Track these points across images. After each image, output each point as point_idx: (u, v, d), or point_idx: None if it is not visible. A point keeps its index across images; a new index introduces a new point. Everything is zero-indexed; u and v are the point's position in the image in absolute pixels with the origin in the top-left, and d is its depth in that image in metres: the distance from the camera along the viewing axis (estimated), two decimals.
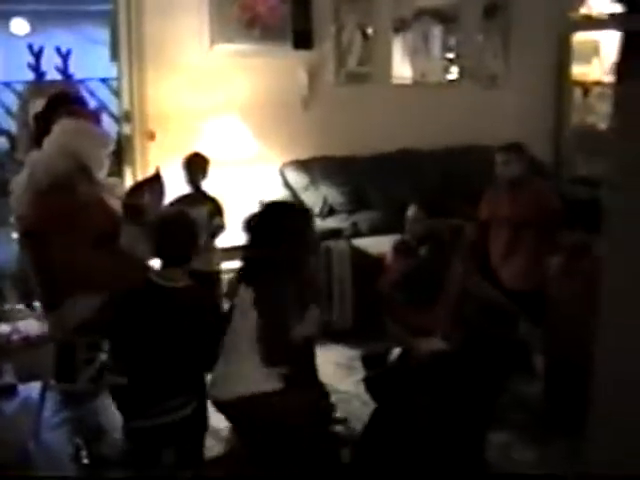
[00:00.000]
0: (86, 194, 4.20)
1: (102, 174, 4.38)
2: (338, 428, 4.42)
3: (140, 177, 5.79)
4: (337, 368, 5.28)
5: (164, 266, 3.51)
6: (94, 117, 4.62)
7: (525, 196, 5.35)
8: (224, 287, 4.97)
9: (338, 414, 4.55)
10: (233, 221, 4.78)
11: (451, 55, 7.49)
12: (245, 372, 3.47)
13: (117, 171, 5.81)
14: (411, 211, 5.12)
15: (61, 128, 4.34)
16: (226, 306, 3.80)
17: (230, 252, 4.95)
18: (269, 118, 5.95)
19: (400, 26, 7.13)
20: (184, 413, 3.43)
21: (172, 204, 4.98)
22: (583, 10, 7.87)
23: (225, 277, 5.13)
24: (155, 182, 4.78)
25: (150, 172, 5.65)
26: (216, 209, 5.18)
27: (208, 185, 5.34)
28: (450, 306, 4.22)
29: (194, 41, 6.14)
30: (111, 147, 4.50)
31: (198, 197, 5.18)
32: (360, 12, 6.89)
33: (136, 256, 4.10)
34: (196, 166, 5.24)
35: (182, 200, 5.10)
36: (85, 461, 4.10)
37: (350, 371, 5.19)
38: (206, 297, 3.64)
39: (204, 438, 3.71)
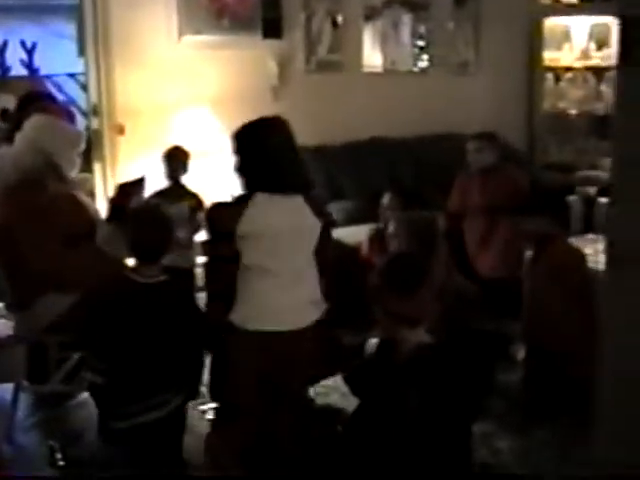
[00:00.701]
0: (56, 190, 4.12)
1: (73, 172, 4.29)
2: None
3: (110, 172, 5.73)
4: None
5: (139, 262, 3.45)
6: (67, 114, 4.52)
7: (497, 183, 5.34)
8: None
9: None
10: None
11: (422, 43, 7.46)
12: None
13: (86, 166, 5.71)
14: (386, 199, 5.09)
15: (32, 124, 4.25)
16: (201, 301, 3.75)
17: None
18: (239, 109, 5.85)
19: (370, 14, 7.10)
20: (165, 411, 3.39)
21: (151, 198, 4.89)
22: None
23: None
24: (140, 185, 4.70)
25: (120, 167, 5.59)
26: (197, 204, 5.09)
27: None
28: (433, 297, 4.18)
29: (162, 33, 6.06)
30: (82, 145, 4.40)
31: (178, 191, 5.10)
32: (330, 0, 6.84)
33: (113, 254, 4.02)
34: (176, 160, 5.15)
35: (162, 194, 5.01)
36: (60, 463, 4.03)
37: None
38: (182, 292, 3.58)
39: (183, 437, 3.65)
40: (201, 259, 5.09)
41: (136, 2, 5.95)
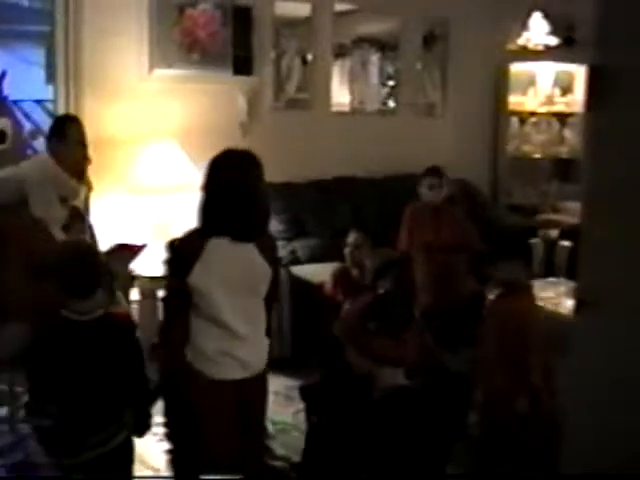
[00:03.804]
0: (29, 224, 4.12)
1: (43, 211, 4.29)
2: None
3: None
4: (275, 397, 5.20)
5: (72, 299, 3.38)
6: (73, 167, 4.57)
7: (447, 221, 5.41)
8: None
9: (277, 445, 4.54)
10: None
11: (390, 83, 7.54)
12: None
13: None
14: (351, 237, 5.12)
15: (33, 161, 4.31)
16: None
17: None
18: (208, 144, 5.84)
19: (340, 52, 7.16)
20: (112, 445, 3.35)
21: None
22: (520, 41, 7.99)
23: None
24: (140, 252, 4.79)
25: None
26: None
27: (147, 212, 5.27)
28: (416, 337, 4.21)
29: (133, 65, 6.05)
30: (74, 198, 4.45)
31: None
32: (300, 38, 6.93)
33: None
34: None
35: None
36: None
37: (289, 401, 5.15)
38: (118, 327, 3.53)
39: (132, 468, 3.62)
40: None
41: (108, 32, 5.94)
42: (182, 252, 3.33)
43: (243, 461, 3.42)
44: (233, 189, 3.29)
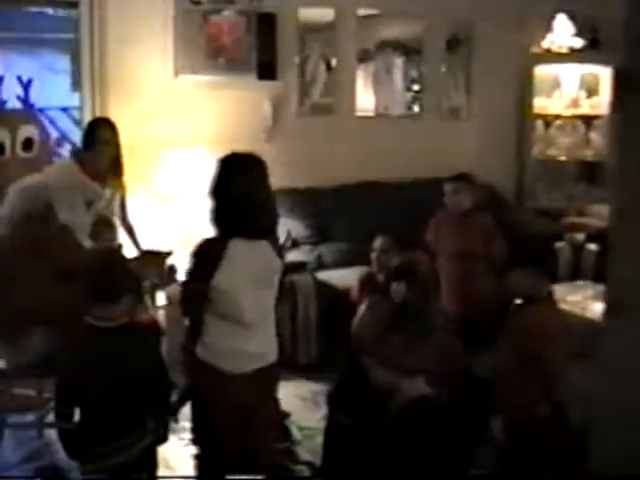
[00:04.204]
0: (54, 227, 4.14)
1: (68, 215, 4.30)
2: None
3: None
4: (302, 403, 5.22)
5: (97, 306, 3.40)
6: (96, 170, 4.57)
7: (474, 228, 5.37)
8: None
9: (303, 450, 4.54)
10: None
11: (414, 87, 7.52)
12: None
13: None
14: (378, 242, 5.09)
15: (56, 167, 4.33)
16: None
17: None
18: (233, 149, 5.89)
19: (364, 57, 7.15)
20: (135, 451, 3.35)
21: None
22: (544, 44, 7.94)
23: None
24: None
25: None
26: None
27: (172, 218, 5.29)
28: (435, 344, 4.17)
29: (158, 71, 6.12)
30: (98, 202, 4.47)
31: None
32: (324, 43, 6.93)
33: None
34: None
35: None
36: None
37: (315, 406, 5.13)
38: (142, 334, 3.54)
39: (155, 474, 3.63)
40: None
41: (133, 39, 5.99)
42: (204, 256, 3.42)
43: (255, 452, 3.54)
44: (246, 191, 3.40)
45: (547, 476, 3.95)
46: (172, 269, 4.93)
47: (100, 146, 5.09)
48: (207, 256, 3.40)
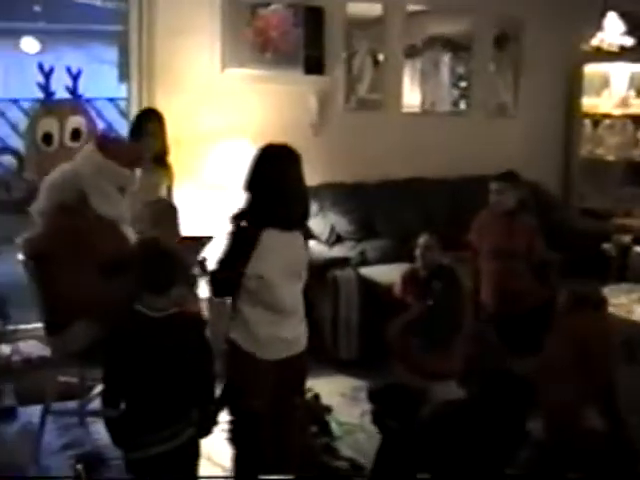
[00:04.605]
0: (96, 219, 4.15)
1: (105, 206, 4.30)
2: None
3: None
4: (342, 399, 5.20)
5: (148, 294, 3.42)
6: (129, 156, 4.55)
7: (516, 228, 5.34)
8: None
9: (342, 447, 4.53)
10: None
11: (461, 84, 7.47)
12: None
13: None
14: (422, 239, 5.07)
15: (80, 155, 4.32)
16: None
17: None
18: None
19: (411, 53, 7.11)
20: (178, 442, 3.37)
21: None
22: (594, 42, 7.85)
23: None
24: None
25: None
26: None
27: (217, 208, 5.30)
28: (466, 348, 4.15)
29: (205, 64, 6.14)
30: (130, 187, 4.46)
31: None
32: (372, 38, 6.90)
33: None
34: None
35: None
36: None
37: (355, 402, 5.11)
38: (193, 325, 3.56)
39: (198, 465, 3.65)
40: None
41: (181, 32, 6.02)
42: (238, 243, 3.48)
43: (289, 439, 3.65)
44: (280, 182, 3.48)
45: (576, 476, 3.92)
46: (203, 262, 4.92)
47: (146, 138, 5.18)
48: (241, 243, 3.46)
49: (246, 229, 3.49)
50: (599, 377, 3.85)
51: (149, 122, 5.26)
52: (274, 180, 3.46)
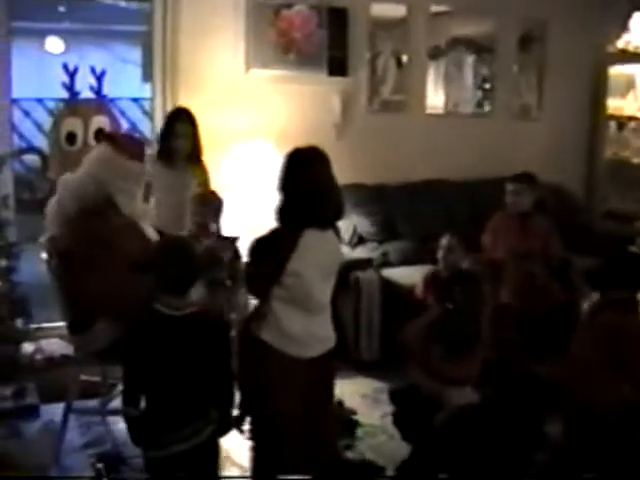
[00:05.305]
0: (119, 220, 4.16)
1: (132, 205, 4.31)
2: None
3: None
4: (363, 400, 5.21)
5: (166, 294, 3.43)
6: (137, 150, 4.53)
7: (532, 229, 5.33)
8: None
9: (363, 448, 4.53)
10: None
11: (485, 85, 7.44)
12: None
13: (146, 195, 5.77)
14: (445, 240, 5.06)
15: (95, 155, 4.31)
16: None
17: None
18: (301, 144, 5.92)
19: (435, 54, 7.09)
20: (197, 440, 3.38)
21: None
22: (619, 43, 7.80)
23: None
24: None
25: None
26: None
27: (240, 210, 5.31)
28: (484, 353, 4.13)
29: (229, 65, 6.16)
30: (143, 182, 4.46)
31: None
32: (395, 39, 6.89)
33: None
34: (211, 206, 5.16)
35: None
36: None
37: (376, 404, 5.12)
38: (209, 324, 3.56)
39: (218, 464, 3.66)
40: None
41: (205, 32, 6.04)
42: (278, 244, 3.52)
43: (317, 438, 3.64)
44: (314, 184, 3.52)
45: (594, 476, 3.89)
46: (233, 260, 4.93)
47: (177, 137, 5.20)
48: (281, 244, 3.50)
49: (286, 229, 3.54)
50: (631, 379, 3.82)
51: (179, 122, 5.28)
52: (311, 182, 3.51)
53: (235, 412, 3.68)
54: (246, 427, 3.95)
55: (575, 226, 6.53)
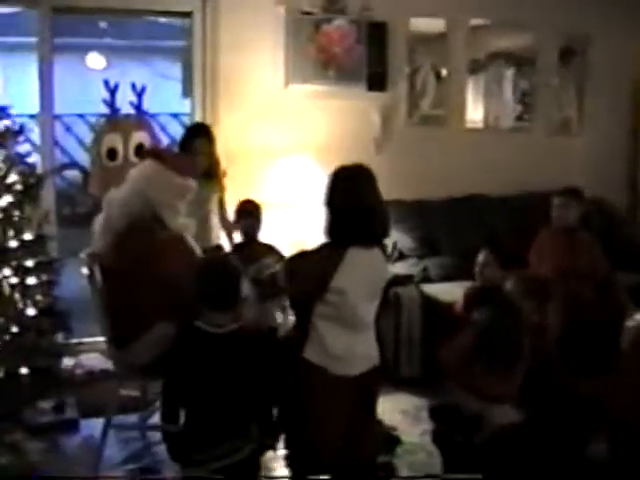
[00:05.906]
0: (164, 235, 4.17)
1: (177, 220, 4.32)
2: None
3: None
4: (404, 417, 5.17)
5: (209, 311, 3.43)
6: (186, 165, 4.55)
7: (578, 245, 5.27)
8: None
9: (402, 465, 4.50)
10: None
11: (525, 99, 7.39)
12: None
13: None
14: (482, 256, 5.03)
15: (141, 171, 4.32)
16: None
17: None
18: (341, 159, 5.88)
19: (474, 68, 7.06)
20: (237, 457, 3.37)
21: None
22: None
23: None
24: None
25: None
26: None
27: (279, 225, 5.30)
28: (525, 369, 4.08)
29: (269, 80, 6.17)
30: (190, 197, 4.46)
31: (260, 249, 5.07)
32: (434, 54, 6.87)
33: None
34: (252, 215, 5.18)
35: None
36: None
37: (417, 421, 5.08)
38: (250, 341, 3.55)
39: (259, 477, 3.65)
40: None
41: (244, 47, 6.06)
42: (323, 261, 3.52)
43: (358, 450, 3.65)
44: (361, 200, 3.54)
45: None
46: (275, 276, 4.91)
47: (195, 153, 5.21)
48: (325, 261, 3.50)
49: (332, 245, 3.55)
50: None
51: (198, 137, 5.30)
52: (356, 198, 3.53)
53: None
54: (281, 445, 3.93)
55: (619, 241, 6.46)
